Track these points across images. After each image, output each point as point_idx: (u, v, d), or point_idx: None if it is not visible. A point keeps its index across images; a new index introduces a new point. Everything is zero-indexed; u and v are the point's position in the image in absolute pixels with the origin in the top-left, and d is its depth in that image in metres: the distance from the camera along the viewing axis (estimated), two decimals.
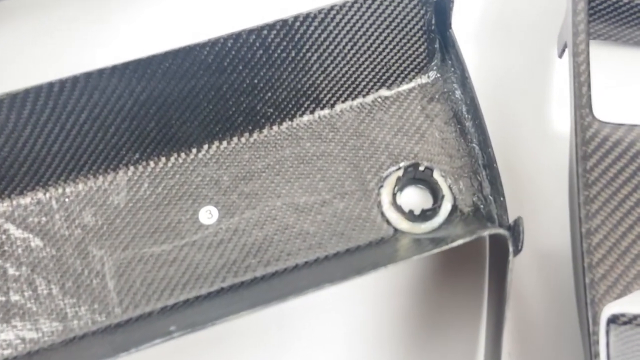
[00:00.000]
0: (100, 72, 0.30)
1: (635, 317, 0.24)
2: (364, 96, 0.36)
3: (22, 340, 0.30)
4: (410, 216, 0.32)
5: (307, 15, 0.32)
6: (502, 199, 0.31)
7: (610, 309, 0.24)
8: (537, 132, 0.34)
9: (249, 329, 0.33)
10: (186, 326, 0.25)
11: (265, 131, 0.35)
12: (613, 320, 0.24)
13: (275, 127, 0.35)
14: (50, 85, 0.30)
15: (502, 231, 0.27)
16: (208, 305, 0.30)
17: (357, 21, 0.33)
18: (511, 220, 0.29)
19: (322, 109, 0.35)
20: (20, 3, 0.35)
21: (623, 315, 0.24)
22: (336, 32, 0.33)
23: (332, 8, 0.32)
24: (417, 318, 0.32)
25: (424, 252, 0.27)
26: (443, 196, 0.32)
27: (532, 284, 0.31)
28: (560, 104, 0.35)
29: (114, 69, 0.30)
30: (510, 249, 0.26)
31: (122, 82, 0.31)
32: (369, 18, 0.33)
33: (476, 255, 0.32)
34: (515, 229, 0.28)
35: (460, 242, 0.26)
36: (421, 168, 0.33)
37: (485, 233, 0.27)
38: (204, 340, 0.32)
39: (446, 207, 0.33)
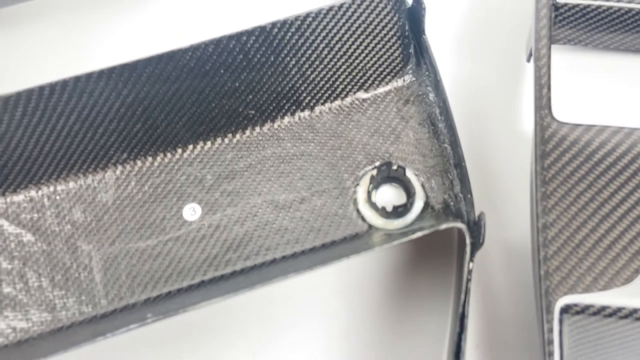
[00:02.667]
0: (89, 76, 0.32)
1: (587, 307, 0.26)
2: (342, 99, 0.37)
3: (12, 330, 0.32)
4: (384, 213, 0.34)
5: (285, 22, 0.33)
6: (469, 196, 0.32)
7: (565, 299, 0.25)
8: (506, 133, 0.35)
9: (232, 320, 0.34)
10: (160, 313, 0.27)
11: (247, 132, 0.36)
12: (566, 309, 0.26)
13: (257, 129, 0.36)
14: (41, 88, 0.31)
15: (459, 224, 0.28)
16: (188, 296, 0.32)
17: (333, 27, 0.35)
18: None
19: (301, 110, 0.37)
20: (15, 12, 0.37)
21: (576, 305, 0.26)
22: (313, 37, 0.35)
23: (307, 15, 0.33)
24: (389, 309, 0.33)
25: (389, 243, 0.29)
26: (414, 193, 0.34)
27: (500, 276, 0.32)
28: (528, 106, 0.36)
29: (102, 73, 0.32)
30: (468, 241, 0.27)
31: (109, 85, 0.33)
32: (344, 24, 0.35)
33: (446, 250, 0.33)
34: (478, 224, 0.29)
35: (419, 234, 0.28)
36: (394, 167, 0.35)
37: (443, 227, 0.29)
38: (186, 334, 0.34)
39: (418, 204, 0.34)
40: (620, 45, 0.37)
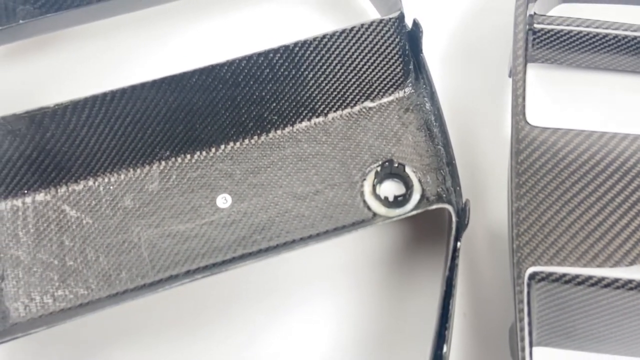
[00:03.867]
0: (143, 85, 0.38)
1: (550, 274, 0.31)
2: (351, 107, 0.43)
3: (74, 296, 0.38)
4: (386, 203, 0.40)
5: (305, 42, 0.40)
6: (458, 188, 0.38)
7: (532, 268, 0.31)
8: (490, 136, 0.41)
9: (248, 292, 0.40)
10: (205, 273, 0.34)
11: (270, 134, 0.42)
12: (533, 276, 0.31)
13: (278, 131, 0.42)
14: (104, 94, 0.38)
15: (446, 205, 0.34)
16: (222, 270, 0.38)
17: (345, 47, 0.41)
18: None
19: (317, 117, 0.43)
20: (83, 30, 0.44)
21: (541, 272, 0.31)
22: (328, 55, 0.41)
23: (324, 36, 0.40)
24: (390, 283, 0.39)
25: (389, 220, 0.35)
26: (412, 187, 0.40)
27: (484, 254, 0.38)
28: (508, 114, 0.42)
29: (154, 83, 0.38)
30: (454, 219, 0.33)
31: (159, 93, 0.39)
32: (354, 44, 0.41)
33: (440, 235, 0.39)
34: (464, 209, 0.35)
35: (414, 212, 0.34)
36: (395, 164, 0.40)
37: (433, 207, 0.35)
38: (205, 308, 0.39)
39: (416, 196, 0.40)
40: (589, 65, 0.43)
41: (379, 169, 0.41)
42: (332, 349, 0.38)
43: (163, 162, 0.41)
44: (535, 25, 0.41)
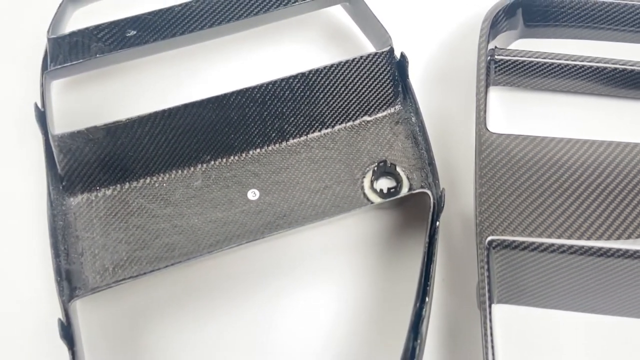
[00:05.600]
0: (193, 104, 0.49)
1: (504, 241, 0.41)
2: (353, 120, 0.53)
3: (138, 266, 0.47)
4: (381, 194, 0.50)
5: (317, 70, 0.50)
6: (437, 182, 0.49)
7: (490, 237, 0.41)
8: (463, 141, 0.52)
9: (260, 271, 0.49)
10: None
11: (289, 141, 0.52)
12: (491, 243, 0.41)
13: (296, 139, 0.52)
14: (163, 111, 0.48)
15: (425, 190, 0.45)
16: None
17: (348, 73, 0.51)
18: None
19: (326, 128, 0.53)
20: (143, 62, 0.55)
21: (497, 239, 0.41)
22: (334, 80, 0.51)
23: (332, 65, 0.50)
24: (382, 259, 0.49)
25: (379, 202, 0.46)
26: (401, 182, 0.50)
27: (459, 233, 0.48)
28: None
29: (201, 102, 0.48)
30: (432, 201, 0.44)
31: (204, 110, 0.49)
32: (355, 71, 0.51)
33: (423, 222, 0.49)
34: (441, 196, 0.46)
35: (399, 196, 0.45)
36: (388, 165, 0.51)
37: (415, 191, 0.46)
38: (220, 283, 0.48)
39: (404, 189, 0.50)
40: (541, 87, 0.54)
41: (375, 168, 0.51)
42: (332, 322, 0.46)
43: (205, 164, 0.51)
44: (496, 57, 0.52)
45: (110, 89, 0.55)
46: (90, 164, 0.49)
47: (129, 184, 0.50)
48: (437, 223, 0.44)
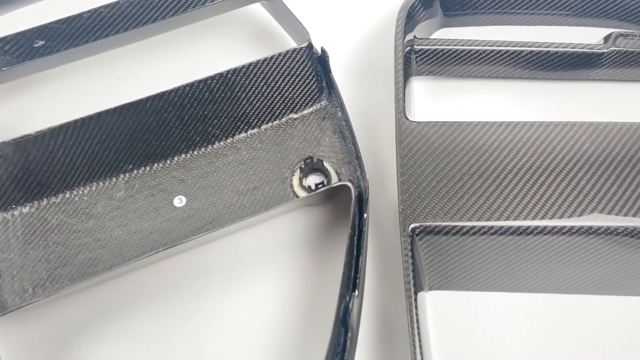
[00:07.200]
0: (106, 111, 0.47)
1: (427, 227, 0.41)
2: (279, 119, 0.53)
3: (59, 285, 0.45)
4: (309, 190, 0.49)
5: (236, 69, 0.50)
6: (364, 174, 0.48)
7: (413, 224, 0.41)
8: (387, 133, 0.51)
9: (190, 276, 0.48)
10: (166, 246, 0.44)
11: (215, 145, 0.51)
12: (414, 230, 0.41)
13: (221, 142, 0.52)
14: (75, 121, 0.47)
15: (347, 183, 0.44)
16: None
17: (268, 71, 0.51)
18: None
19: (252, 128, 0.52)
20: (52, 72, 0.53)
21: (420, 226, 0.41)
22: (256, 78, 0.51)
23: (251, 64, 0.50)
24: (315, 255, 0.48)
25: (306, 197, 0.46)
26: (330, 176, 0.50)
27: (388, 223, 0.48)
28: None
29: (115, 109, 0.47)
30: (353, 194, 0.43)
31: (120, 117, 0.48)
32: (276, 69, 0.51)
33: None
34: (365, 188, 0.45)
35: (323, 189, 0.45)
36: (315, 160, 0.50)
37: (333, 185, 0.46)
38: (163, 288, 0.47)
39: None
40: (462, 74, 0.54)
41: (302, 165, 0.51)
42: (269, 321, 0.45)
43: (127, 174, 0.50)
44: (416, 47, 0.52)
45: (22, 103, 0.53)
46: (2, 181, 0.47)
47: (47, 199, 0.48)
48: (365, 215, 0.44)
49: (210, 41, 0.57)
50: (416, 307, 0.38)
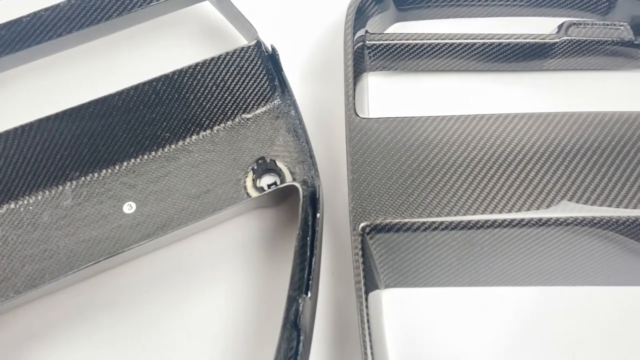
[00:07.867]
0: (47, 118, 0.46)
1: (377, 225, 0.41)
2: (232, 119, 0.52)
3: (5, 298, 0.44)
4: (262, 191, 0.48)
5: (182, 70, 0.48)
6: (317, 173, 0.48)
7: (362, 223, 0.40)
8: (340, 131, 0.50)
9: (150, 280, 0.46)
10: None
11: (165, 148, 0.50)
12: (364, 228, 0.41)
13: (172, 145, 0.50)
14: (15, 129, 0.45)
15: (295, 183, 0.43)
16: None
17: (217, 71, 0.50)
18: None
19: (203, 130, 0.51)
20: None
21: (371, 224, 0.41)
22: (203, 79, 0.50)
23: (197, 64, 0.49)
24: (270, 256, 0.47)
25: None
26: (283, 175, 0.49)
27: (345, 223, 0.47)
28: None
29: (57, 115, 0.46)
30: (301, 194, 0.42)
31: (62, 123, 0.46)
32: (224, 68, 0.50)
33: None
34: (318, 189, 0.45)
35: (269, 191, 0.43)
36: (267, 160, 0.49)
37: (285, 184, 0.45)
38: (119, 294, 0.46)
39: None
40: (420, 68, 0.53)
41: (255, 166, 0.49)
42: (221, 324, 0.44)
43: (74, 182, 0.48)
44: (368, 42, 0.52)
45: None
46: None
47: None
48: (319, 215, 0.43)
49: (160, 42, 0.55)
50: (367, 306, 0.37)
